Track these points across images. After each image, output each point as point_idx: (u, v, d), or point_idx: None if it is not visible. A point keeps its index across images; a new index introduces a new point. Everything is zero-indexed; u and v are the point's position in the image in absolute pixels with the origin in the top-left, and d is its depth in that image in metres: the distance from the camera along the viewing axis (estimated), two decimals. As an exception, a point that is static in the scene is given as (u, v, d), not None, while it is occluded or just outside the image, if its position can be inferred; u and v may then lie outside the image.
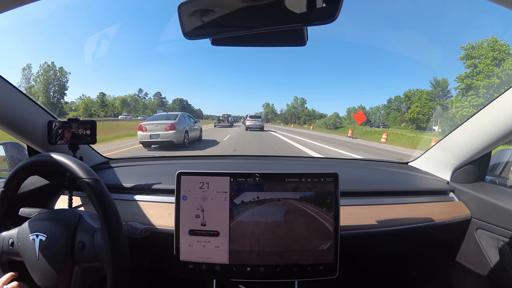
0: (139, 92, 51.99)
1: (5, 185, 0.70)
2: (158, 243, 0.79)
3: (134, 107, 48.90)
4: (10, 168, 1.07)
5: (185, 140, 7.58)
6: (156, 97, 54.27)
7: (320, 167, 1.39)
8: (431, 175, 1.13)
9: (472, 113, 0.91)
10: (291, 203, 0.69)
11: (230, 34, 0.55)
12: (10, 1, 0.49)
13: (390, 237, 0.87)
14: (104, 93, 46.21)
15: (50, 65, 37.34)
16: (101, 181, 0.63)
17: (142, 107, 49.80)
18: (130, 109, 47.61)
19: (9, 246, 0.69)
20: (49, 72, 36.86)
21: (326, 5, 0.45)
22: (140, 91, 52.14)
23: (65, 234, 0.64)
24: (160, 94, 55.45)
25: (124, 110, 45.63)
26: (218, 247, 0.68)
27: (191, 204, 0.69)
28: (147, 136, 7.18)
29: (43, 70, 36.70)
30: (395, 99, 39.03)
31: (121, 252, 0.61)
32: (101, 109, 43.49)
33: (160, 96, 55.13)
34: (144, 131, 7.27)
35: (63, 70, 38.05)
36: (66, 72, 38.07)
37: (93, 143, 1.01)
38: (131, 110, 47.44)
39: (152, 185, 0.96)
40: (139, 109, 48.79)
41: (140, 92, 52.16)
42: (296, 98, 52.34)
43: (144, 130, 7.29)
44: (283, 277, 0.69)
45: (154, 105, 51.68)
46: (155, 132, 7.21)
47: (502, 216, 0.83)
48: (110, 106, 45.24)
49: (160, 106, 52.00)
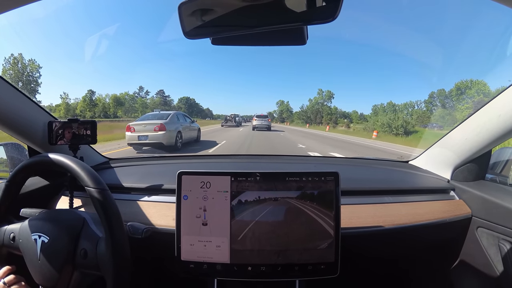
0: (139, 90, 46.34)
1: (10, 179, 0.70)
2: (159, 243, 0.79)
3: (131, 107, 43.32)
4: (11, 169, 1.07)
5: (178, 142, 6.93)
6: (158, 96, 48.76)
7: (320, 166, 1.39)
8: (432, 173, 1.13)
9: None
10: (292, 202, 0.69)
11: (230, 34, 0.55)
12: (10, 1, 0.49)
13: (391, 235, 0.87)
14: (93, 91, 40.13)
15: (17, 57, 31.23)
16: (108, 190, 0.63)
17: (141, 106, 44.20)
18: (126, 108, 42.25)
19: (10, 240, 0.69)
20: (18, 65, 30.80)
21: (326, 4, 0.45)
22: (141, 89, 46.39)
23: (68, 239, 0.64)
24: (163, 92, 49.47)
25: (120, 111, 40.68)
26: (219, 246, 0.68)
27: (192, 203, 0.69)
28: (135, 137, 6.53)
29: (10, 64, 30.48)
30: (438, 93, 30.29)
31: (124, 266, 0.61)
32: (89, 110, 37.82)
33: (163, 95, 49.40)
34: (132, 132, 6.57)
35: (33, 63, 31.82)
36: (38, 66, 31.93)
37: (94, 143, 1.01)
38: (128, 110, 42.04)
39: (153, 185, 0.96)
40: (137, 108, 43.44)
41: (141, 91, 46.52)
42: (320, 92, 42.18)
43: (132, 130, 6.59)
44: (284, 276, 0.69)
45: (156, 105, 46.73)
46: (144, 133, 6.53)
47: (502, 215, 0.83)
48: (100, 106, 39.40)
49: (163, 105, 47.42)
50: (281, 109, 51.16)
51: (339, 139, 13.58)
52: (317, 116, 39.46)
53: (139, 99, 45.47)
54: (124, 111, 41.26)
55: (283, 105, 51.06)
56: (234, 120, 20.91)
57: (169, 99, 49.78)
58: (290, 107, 50.36)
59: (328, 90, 42.47)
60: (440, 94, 30.84)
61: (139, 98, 45.53)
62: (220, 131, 15.28)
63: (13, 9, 0.51)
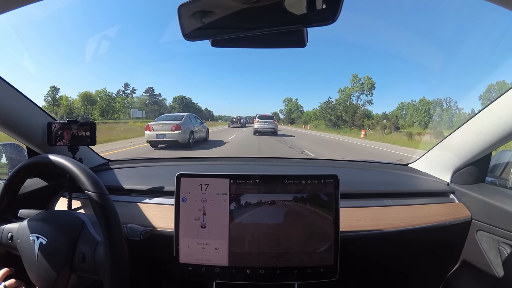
0: (125, 87, 38.45)
1: (9, 178, 0.70)
2: (157, 245, 0.79)
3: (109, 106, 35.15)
4: (9, 169, 1.07)
5: (191, 140, 7.85)
6: (147, 94, 41.64)
7: (320, 169, 1.38)
8: (431, 176, 1.13)
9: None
10: (291, 205, 0.68)
11: (230, 36, 0.55)
12: (10, 1, 0.49)
13: (391, 239, 0.87)
14: (57, 87, 32.01)
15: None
16: (108, 195, 0.62)
17: (123, 106, 36.37)
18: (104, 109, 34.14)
19: (8, 240, 0.69)
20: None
21: (326, 6, 0.45)
22: (127, 86, 38.65)
23: (67, 242, 0.63)
24: (152, 90, 42.08)
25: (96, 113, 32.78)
26: (217, 249, 0.68)
27: (190, 206, 0.68)
28: (154, 136, 7.49)
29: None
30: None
31: (122, 272, 0.60)
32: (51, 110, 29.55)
33: (153, 93, 42.14)
34: (151, 131, 7.53)
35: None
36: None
37: (93, 144, 1.01)
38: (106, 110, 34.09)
39: (152, 187, 0.95)
40: (117, 108, 35.63)
41: (127, 88, 38.54)
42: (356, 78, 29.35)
43: (151, 130, 7.55)
44: (283, 279, 0.68)
45: (142, 104, 39.71)
46: (161, 132, 7.48)
47: (502, 218, 0.83)
48: (64, 106, 31.87)
49: (152, 104, 41.06)
50: (290, 108, 42.17)
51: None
52: (354, 117, 26.84)
53: (119, 98, 37.61)
54: (101, 112, 34.33)
55: (292, 103, 42.22)
56: (239, 122, 24.41)
57: (161, 98, 44.04)
58: (300, 105, 41.75)
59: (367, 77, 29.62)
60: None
61: (120, 97, 37.83)
62: (228, 130, 18.22)
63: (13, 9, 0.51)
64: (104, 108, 34.72)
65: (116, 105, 36.37)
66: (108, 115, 33.81)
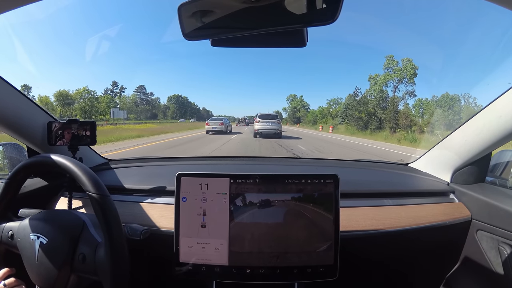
0: (113, 86, 35.32)
1: (10, 177, 0.69)
2: (157, 245, 0.79)
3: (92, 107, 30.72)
4: (10, 169, 1.07)
5: (228, 130, 15.26)
6: (137, 93, 38.55)
7: (320, 168, 1.39)
8: (431, 176, 1.13)
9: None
10: (291, 204, 0.68)
11: (230, 35, 0.55)
12: (10, 1, 0.49)
13: (390, 238, 0.87)
14: (28, 86, 28.01)
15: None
16: (109, 197, 0.62)
17: (106, 106, 31.77)
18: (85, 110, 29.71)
19: (8, 238, 0.68)
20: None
21: (326, 6, 0.45)
22: (115, 84, 35.46)
23: (67, 243, 0.63)
24: (143, 89, 38.76)
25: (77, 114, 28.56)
26: (217, 248, 0.68)
27: (190, 205, 0.69)
28: (210, 127, 14.56)
29: None
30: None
31: (122, 273, 0.60)
32: None
33: (144, 91, 38.94)
34: (208, 126, 14.85)
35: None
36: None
37: (93, 144, 1.01)
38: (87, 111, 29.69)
39: (152, 186, 0.95)
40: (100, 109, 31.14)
41: (115, 87, 35.40)
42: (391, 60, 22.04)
43: (208, 124, 14.95)
44: (283, 278, 0.68)
45: (130, 104, 35.76)
46: (213, 126, 14.70)
47: (502, 218, 0.83)
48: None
49: (145, 104, 37.40)
50: (294, 106, 37.86)
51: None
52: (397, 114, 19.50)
53: (103, 97, 33.53)
54: (82, 113, 29.88)
55: (296, 101, 37.93)
56: (244, 122, 31.62)
57: (154, 98, 41.19)
58: (306, 103, 36.95)
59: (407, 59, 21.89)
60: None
61: (104, 96, 33.86)
62: (237, 127, 22.98)
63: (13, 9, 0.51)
64: (86, 109, 30.77)
65: (101, 105, 32.70)
66: (91, 116, 29.88)
